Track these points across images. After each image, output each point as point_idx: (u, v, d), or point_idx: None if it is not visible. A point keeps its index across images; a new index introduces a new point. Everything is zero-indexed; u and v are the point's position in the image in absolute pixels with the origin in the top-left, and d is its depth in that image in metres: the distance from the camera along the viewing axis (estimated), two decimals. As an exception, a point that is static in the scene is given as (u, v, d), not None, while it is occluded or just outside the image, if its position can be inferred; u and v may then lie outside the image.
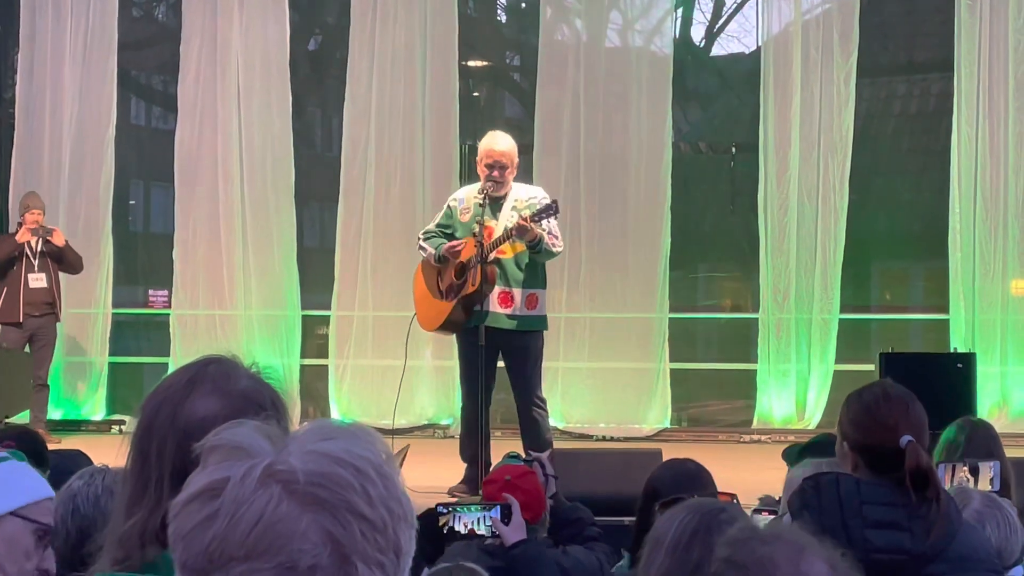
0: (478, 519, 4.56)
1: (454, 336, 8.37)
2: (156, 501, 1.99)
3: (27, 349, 10.66)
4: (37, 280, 10.62)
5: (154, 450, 2.03)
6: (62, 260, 10.77)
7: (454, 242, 7.96)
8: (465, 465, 8.01)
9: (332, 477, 1.33)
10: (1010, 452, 4.87)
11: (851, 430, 3.44)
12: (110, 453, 2.61)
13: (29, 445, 4.30)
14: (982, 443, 4.57)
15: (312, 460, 1.34)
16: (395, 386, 8.93)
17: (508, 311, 7.92)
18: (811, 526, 3.26)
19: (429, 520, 4.55)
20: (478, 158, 8.12)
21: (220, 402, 2.03)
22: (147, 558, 1.96)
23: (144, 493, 2.01)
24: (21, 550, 2.42)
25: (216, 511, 1.32)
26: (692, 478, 3.99)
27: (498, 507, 4.57)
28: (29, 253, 10.64)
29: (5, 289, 10.61)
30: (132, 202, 13.71)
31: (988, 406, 10.35)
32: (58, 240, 10.71)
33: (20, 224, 10.74)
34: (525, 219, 7.70)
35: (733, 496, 4.37)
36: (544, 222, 7.83)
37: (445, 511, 4.60)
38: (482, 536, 4.56)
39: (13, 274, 10.61)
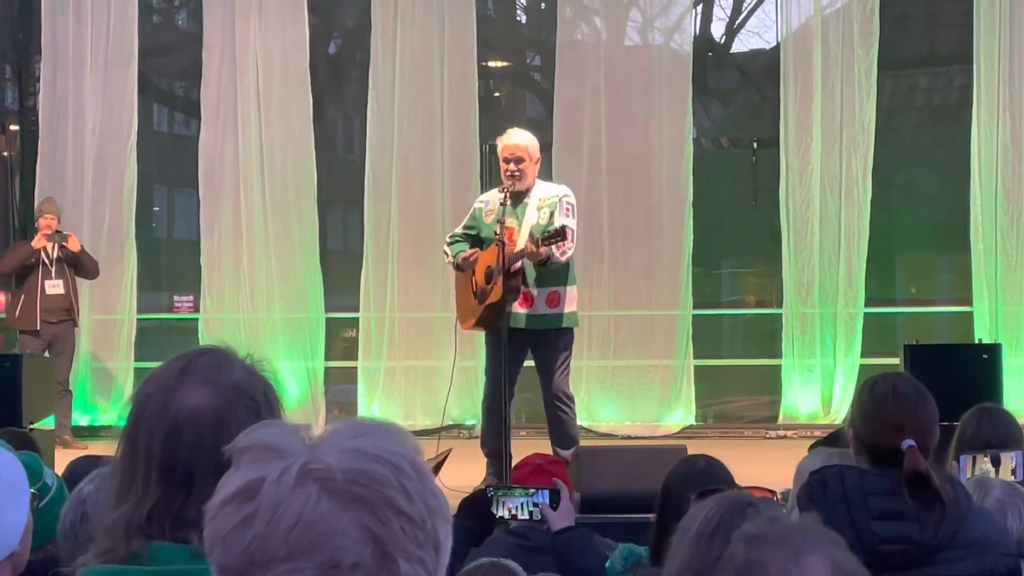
0: (522, 503, 4.47)
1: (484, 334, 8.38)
2: (142, 494, 1.96)
3: (46, 355, 10.55)
4: (54, 287, 10.55)
5: (142, 442, 2.00)
6: (78, 266, 10.70)
7: (468, 252, 7.98)
8: (486, 460, 8.02)
9: (370, 474, 1.33)
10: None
11: (858, 421, 3.36)
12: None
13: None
14: (999, 429, 4.52)
15: (348, 458, 1.34)
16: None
17: (528, 310, 7.91)
18: (818, 520, 3.25)
19: (478, 502, 4.51)
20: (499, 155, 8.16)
21: (211, 393, 2.00)
22: (132, 549, 1.94)
23: (131, 486, 1.98)
24: None
25: (254, 512, 1.32)
26: (701, 475, 3.95)
27: (546, 492, 4.49)
28: (46, 259, 10.58)
29: (23, 296, 10.57)
30: (156, 208, 13.75)
31: (1017, 400, 10.25)
32: (73, 246, 10.62)
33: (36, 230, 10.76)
34: (536, 245, 7.66)
35: (772, 492, 4.34)
36: (565, 219, 7.83)
37: (494, 493, 4.55)
38: (524, 520, 4.50)
39: (30, 281, 10.56)
